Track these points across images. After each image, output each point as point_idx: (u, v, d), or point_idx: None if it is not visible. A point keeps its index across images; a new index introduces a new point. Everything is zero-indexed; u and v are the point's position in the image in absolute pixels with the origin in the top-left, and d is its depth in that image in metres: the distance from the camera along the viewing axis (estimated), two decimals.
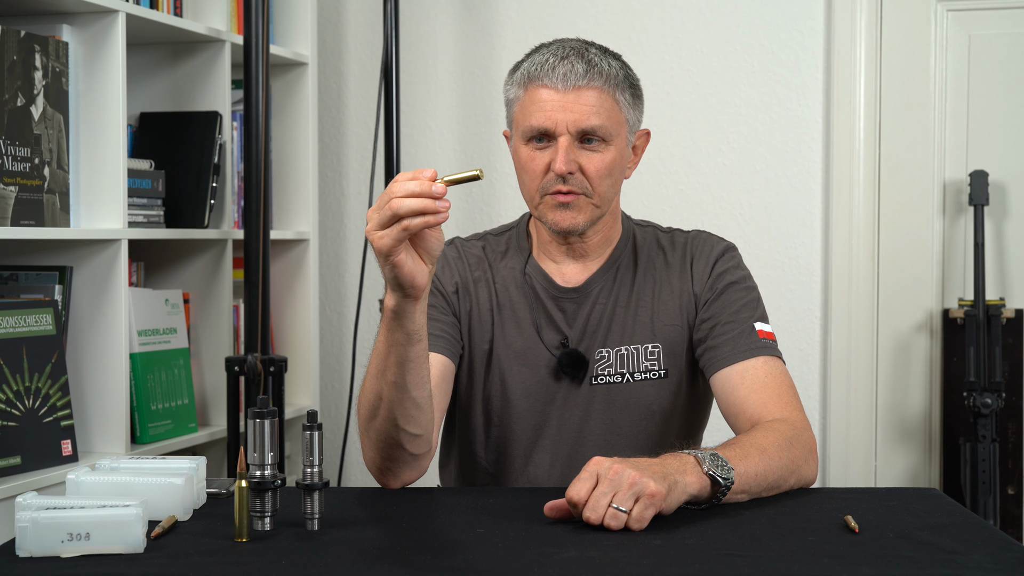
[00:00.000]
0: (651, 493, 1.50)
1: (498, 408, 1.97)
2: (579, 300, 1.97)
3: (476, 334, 1.98)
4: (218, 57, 2.87)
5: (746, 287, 1.97)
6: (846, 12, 3.22)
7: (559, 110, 1.85)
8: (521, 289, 1.98)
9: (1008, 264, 3.24)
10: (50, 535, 1.39)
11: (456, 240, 2.05)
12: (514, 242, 2.03)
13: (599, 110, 1.86)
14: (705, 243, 2.01)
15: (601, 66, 1.87)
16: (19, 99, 2.36)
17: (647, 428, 1.96)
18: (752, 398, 1.84)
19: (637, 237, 2.02)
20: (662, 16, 3.33)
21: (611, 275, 1.98)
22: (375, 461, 1.78)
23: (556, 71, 1.85)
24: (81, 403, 2.54)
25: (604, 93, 1.87)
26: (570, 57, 1.87)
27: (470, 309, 1.98)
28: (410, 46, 3.44)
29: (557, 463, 1.96)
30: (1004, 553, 1.41)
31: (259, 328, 2.70)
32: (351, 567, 1.38)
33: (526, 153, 1.89)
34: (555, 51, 1.89)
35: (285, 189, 3.18)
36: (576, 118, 1.85)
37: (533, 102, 1.87)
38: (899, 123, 3.26)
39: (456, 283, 1.99)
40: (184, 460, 1.65)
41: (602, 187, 1.88)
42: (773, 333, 1.93)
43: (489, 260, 2.01)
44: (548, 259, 2.00)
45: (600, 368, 1.95)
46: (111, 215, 2.53)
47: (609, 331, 1.96)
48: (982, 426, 3.07)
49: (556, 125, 1.85)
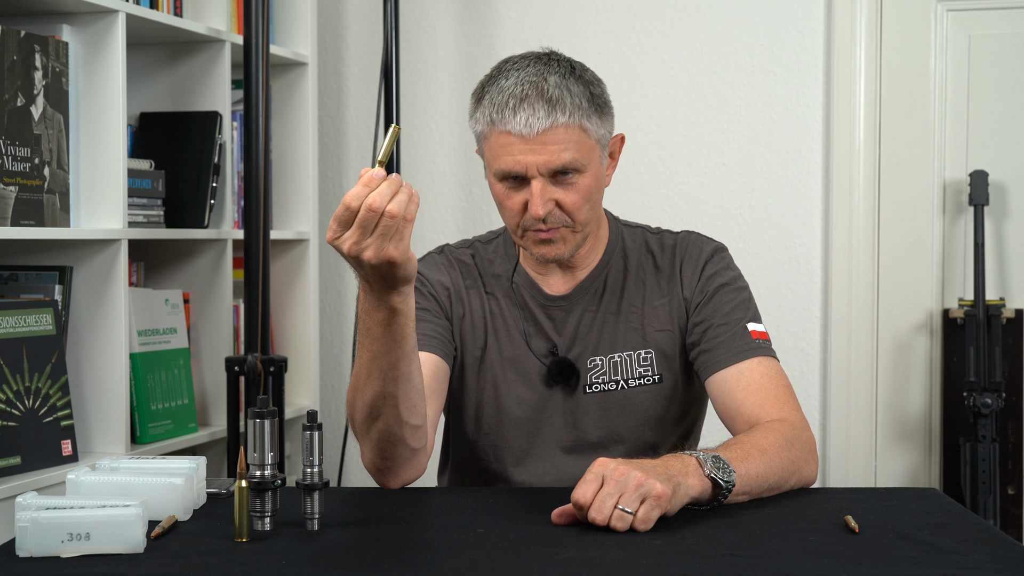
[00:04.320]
0: (657, 494, 1.49)
1: (491, 415, 1.96)
2: (567, 308, 1.96)
3: (468, 340, 1.96)
4: (218, 57, 2.87)
5: (737, 288, 1.95)
6: (846, 12, 3.22)
7: (527, 154, 1.79)
8: (510, 297, 1.97)
9: (1008, 264, 3.24)
10: (50, 535, 1.39)
11: (446, 248, 2.03)
12: (501, 250, 2.01)
13: (568, 146, 1.80)
14: (694, 245, 1.98)
15: (563, 101, 1.79)
16: (19, 99, 2.36)
17: (643, 434, 1.95)
18: (748, 400, 1.84)
19: (626, 240, 2.00)
20: (662, 16, 3.33)
21: (600, 282, 1.96)
22: (375, 462, 1.77)
23: (517, 117, 1.78)
24: (81, 403, 2.54)
25: (570, 128, 1.80)
26: (529, 97, 1.79)
27: (463, 315, 1.97)
28: (410, 46, 3.44)
29: (551, 471, 1.95)
30: (1004, 553, 1.41)
31: (259, 328, 2.70)
32: (351, 567, 1.38)
33: (501, 191, 1.85)
34: (513, 90, 1.80)
35: (285, 189, 3.18)
36: (546, 159, 1.79)
37: (499, 146, 1.81)
38: (899, 123, 3.26)
39: (448, 289, 1.97)
40: (184, 460, 1.65)
41: (582, 214, 1.85)
42: (766, 332, 1.92)
43: (479, 267, 2.00)
44: (536, 268, 1.97)
45: (594, 376, 1.94)
46: (111, 215, 2.53)
47: (600, 339, 1.94)
48: (982, 426, 3.07)
49: (527, 169, 1.80)
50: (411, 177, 3.41)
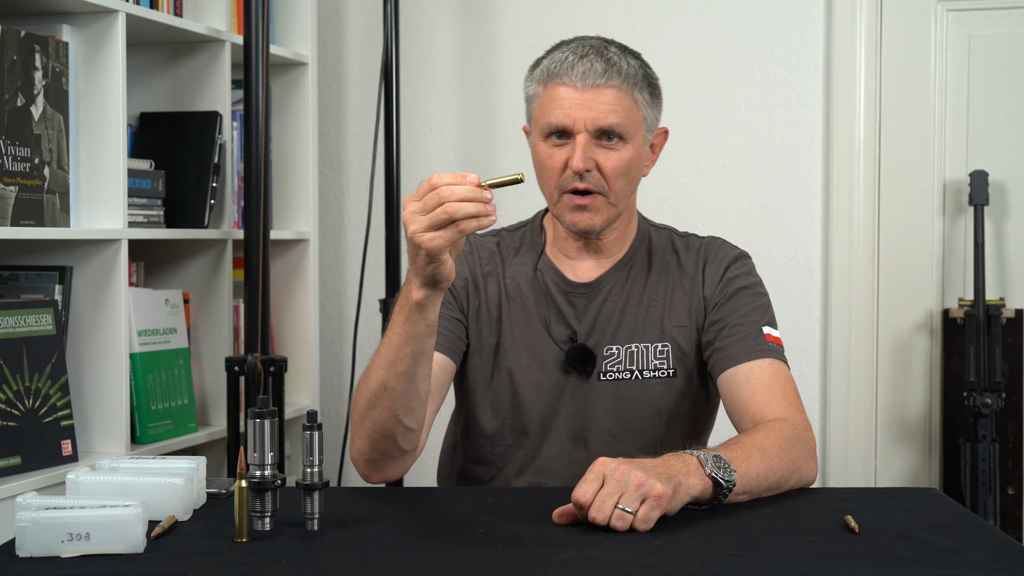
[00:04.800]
0: (658, 494, 1.50)
1: (506, 401, 1.99)
2: (590, 296, 1.99)
3: (484, 329, 2.00)
4: (218, 57, 2.87)
5: (756, 292, 1.99)
6: (846, 12, 3.22)
7: (577, 108, 1.87)
8: (532, 284, 2.00)
9: (1008, 264, 3.24)
10: (50, 535, 1.39)
11: (470, 235, 2.06)
12: (527, 238, 2.05)
13: (617, 108, 1.88)
14: (719, 249, 2.03)
15: (620, 65, 1.89)
16: (19, 99, 2.36)
17: (653, 426, 1.97)
18: (756, 397, 1.86)
19: (652, 238, 2.05)
20: (662, 16, 3.33)
21: (624, 273, 2.00)
22: (364, 452, 1.81)
23: (575, 69, 1.87)
24: (81, 403, 2.54)
25: (622, 92, 1.89)
26: (589, 55, 1.88)
27: (478, 306, 2.01)
28: (410, 46, 3.44)
29: (563, 456, 1.98)
30: (1004, 553, 1.41)
31: (259, 328, 2.70)
32: (351, 567, 1.38)
33: (544, 150, 1.91)
34: (575, 49, 1.90)
35: (285, 189, 3.18)
36: (594, 116, 1.87)
37: (552, 99, 1.89)
38: (899, 123, 3.26)
39: (466, 279, 2.01)
40: (184, 460, 1.65)
41: (618, 185, 1.90)
42: (781, 339, 1.96)
43: (502, 255, 2.04)
44: (561, 255, 2.02)
45: (609, 364, 1.97)
46: (111, 215, 2.53)
47: (619, 328, 1.98)
48: (982, 426, 3.07)
49: (574, 123, 1.87)
50: (411, 177, 3.41)
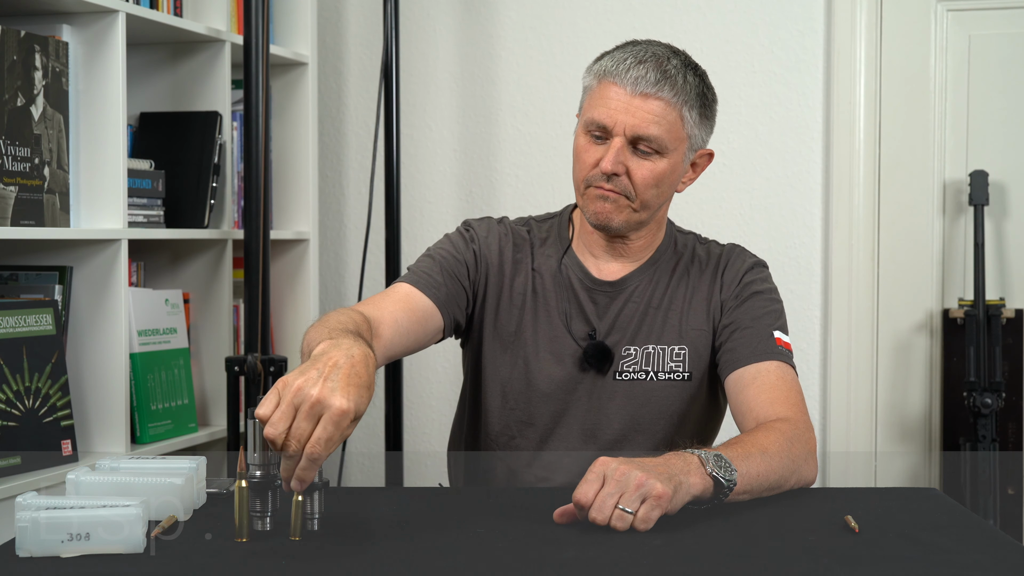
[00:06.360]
0: (658, 495, 1.50)
1: (518, 391, 2.00)
2: (613, 294, 2.01)
3: (503, 314, 2.01)
4: (218, 57, 2.87)
5: (770, 298, 2.02)
6: (846, 12, 3.22)
7: (621, 111, 1.88)
8: (556, 278, 2.02)
9: (1008, 264, 3.24)
10: (50, 535, 1.39)
11: (506, 220, 2.09)
12: (555, 231, 2.07)
13: (660, 121, 1.88)
14: (739, 256, 2.05)
15: (676, 79, 1.89)
16: (19, 99, 2.36)
17: (664, 428, 1.98)
18: (760, 398, 1.87)
19: (678, 243, 2.07)
20: (662, 16, 3.33)
21: (649, 275, 2.02)
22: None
23: (630, 73, 1.88)
24: (81, 403, 2.54)
25: (670, 106, 1.89)
26: (648, 62, 1.89)
27: (500, 289, 2.02)
28: (410, 46, 3.44)
29: (571, 452, 1.99)
30: (1004, 553, 1.41)
31: (259, 328, 2.70)
32: (351, 567, 1.38)
33: (582, 142, 1.93)
34: (637, 52, 1.91)
35: (285, 189, 3.18)
36: (635, 123, 1.88)
37: (601, 96, 1.90)
38: (899, 123, 3.26)
39: (497, 257, 2.02)
40: (184, 460, 1.65)
41: (646, 195, 1.92)
42: (791, 344, 1.97)
43: (532, 244, 2.05)
44: (587, 252, 2.04)
45: (625, 364, 1.98)
46: (111, 215, 2.53)
47: (639, 329, 1.99)
48: (982, 426, 3.07)
49: (614, 124, 1.88)
50: (411, 177, 3.41)
